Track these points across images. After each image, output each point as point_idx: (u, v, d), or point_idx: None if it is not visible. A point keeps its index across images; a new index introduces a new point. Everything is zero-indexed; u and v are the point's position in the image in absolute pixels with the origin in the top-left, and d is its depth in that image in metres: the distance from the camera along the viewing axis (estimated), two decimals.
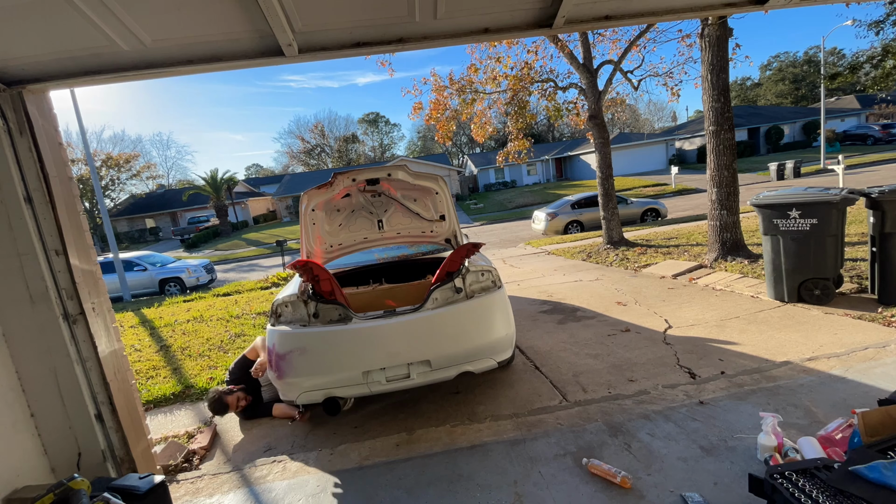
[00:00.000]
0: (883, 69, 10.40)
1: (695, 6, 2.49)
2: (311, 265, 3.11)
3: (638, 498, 2.21)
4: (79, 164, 32.58)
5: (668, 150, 36.07)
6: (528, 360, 4.09)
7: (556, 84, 9.79)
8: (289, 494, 2.60)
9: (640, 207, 14.63)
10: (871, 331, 3.76)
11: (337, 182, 3.65)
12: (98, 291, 2.60)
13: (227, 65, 2.39)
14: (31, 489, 2.13)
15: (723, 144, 6.50)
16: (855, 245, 6.43)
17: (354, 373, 2.90)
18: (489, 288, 3.19)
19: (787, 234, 4.47)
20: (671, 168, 25.81)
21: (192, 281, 13.33)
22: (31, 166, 2.31)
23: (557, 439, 2.78)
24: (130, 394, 2.71)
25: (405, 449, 2.91)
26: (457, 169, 40.43)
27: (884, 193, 3.99)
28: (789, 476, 1.71)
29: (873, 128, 31.17)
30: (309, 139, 62.66)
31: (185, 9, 2.05)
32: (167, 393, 4.27)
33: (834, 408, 2.72)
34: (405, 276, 4.58)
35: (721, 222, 6.59)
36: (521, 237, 15.41)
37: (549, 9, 2.35)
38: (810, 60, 49.70)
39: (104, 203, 14.43)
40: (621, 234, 9.56)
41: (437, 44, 2.45)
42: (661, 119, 66.49)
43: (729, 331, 4.19)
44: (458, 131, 27.64)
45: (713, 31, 6.36)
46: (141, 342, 6.42)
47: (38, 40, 2.12)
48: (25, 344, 2.35)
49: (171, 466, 3.03)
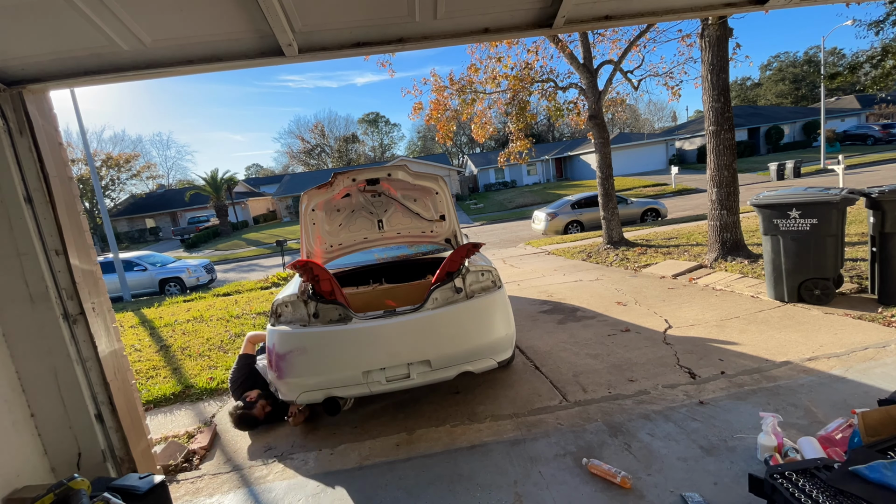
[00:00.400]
0: (883, 69, 10.39)
1: (695, 6, 2.50)
2: (311, 265, 3.11)
3: (638, 498, 2.21)
4: (79, 164, 32.59)
5: (668, 150, 36.06)
6: (528, 360, 4.09)
7: (556, 84, 9.78)
8: (289, 494, 2.60)
9: (640, 207, 14.64)
10: (871, 331, 3.76)
11: (337, 182, 3.65)
12: (98, 291, 2.60)
13: (227, 65, 2.39)
14: (31, 489, 2.13)
15: (723, 144, 6.50)
16: (855, 245, 6.43)
17: (354, 373, 2.90)
18: (489, 288, 3.19)
19: (787, 234, 4.47)
20: (671, 168, 25.81)
21: (192, 281, 13.34)
22: (31, 166, 2.31)
23: (557, 439, 2.78)
24: (130, 394, 2.71)
25: (405, 449, 2.91)
26: (457, 169, 40.44)
27: (884, 193, 3.99)
28: (789, 476, 1.71)
29: (873, 128, 31.17)
30: (309, 139, 62.77)
31: (185, 9, 2.05)
32: (167, 393, 4.27)
33: (834, 408, 2.72)
34: (405, 276, 4.58)
35: (721, 222, 6.59)
36: (521, 237, 15.41)
37: (549, 9, 2.35)
38: (810, 60, 49.73)
39: (104, 203, 14.42)
40: (621, 234, 9.57)
41: (437, 44, 2.45)
42: (661, 119, 66.56)
43: (729, 331, 4.19)
44: (458, 131, 27.63)
45: (713, 31, 6.36)
46: (141, 342, 6.42)
47: (38, 40, 2.12)
48: (25, 344, 2.35)
49: (171, 466, 3.03)
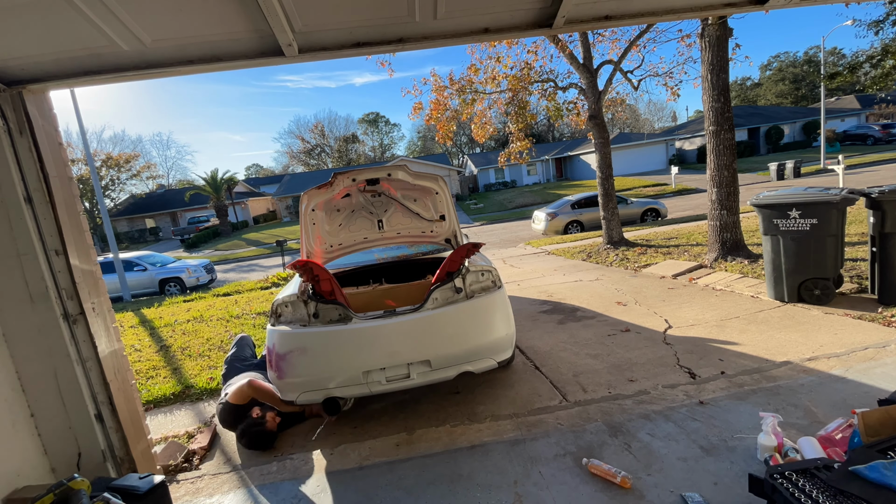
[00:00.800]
0: (882, 69, 10.38)
1: (695, 6, 2.50)
2: (311, 265, 3.11)
3: (638, 498, 2.21)
4: (79, 164, 32.60)
5: (668, 150, 36.06)
6: (528, 360, 4.09)
7: (556, 84, 9.79)
8: (289, 494, 2.60)
9: (640, 207, 14.64)
10: (871, 331, 3.76)
11: (337, 182, 3.64)
12: (98, 291, 2.60)
13: (227, 65, 2.39)
14: (31, 489, 2.13)
15: (723, 144, 6.50)
16: (855, 245, 6.43)
17: (354, 373, 2.90)
18: (489, 288, 3.19)
19: (787, 234, 4.47)
20: (671, 168, 25.81)
21: (192, 281, 13.34)
22: (31, 166, 2.31)
23: (557, 439, 2.78)
24: (130, 394, 2.71)
25: (405, 449, 2.91)
26: (457, 169, 40.43)
27: (884, 193, 3.99)
28: (789, 476, 1.71)
29: (873, 128, 31.17)
30: (309, 139, 62.77)
31: (184, 9, 2.05)
32: (167, 393, 4.27)
33: (834, 408, 2.72)
34: (405, 276, 4.58)
35: (721, 222, 6.59)
36: (521, 237, 15.41)
37: (549, 9, 2.35)
38: (810, 60, 49.72)
39: (104, 203, 14.43)
40: (621, 234, 9.56)
41: (437, 44, 2.45)
42: (661, 119, 66.56)
43: (729, 331, 4.19)
44: (458, 131, 27.62)
45: (713, 31, 6.36)
46: (141, 342, 6.42)
47: (38, 40, 2.12)
48: (25, 344, 2.35)
49: (171, 466, 3.03)
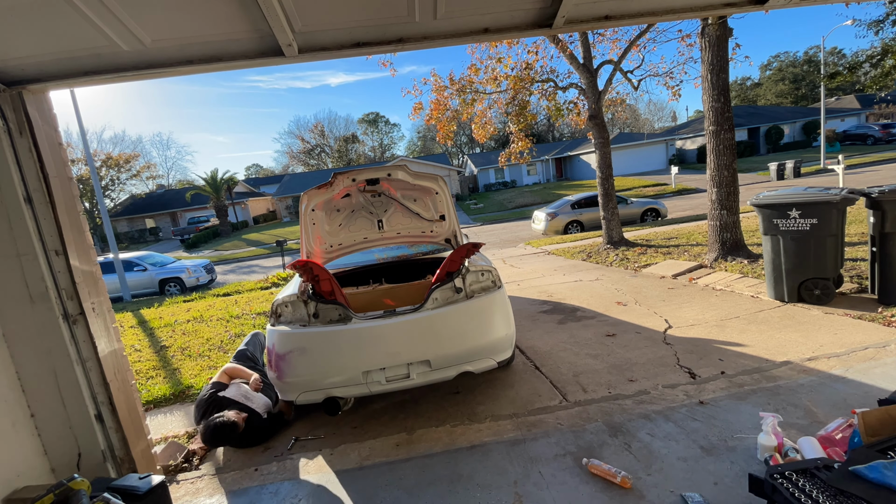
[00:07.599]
0: (882, 68, 10.38)
1: (695, 6, 2.50)
2: (311, 265, 3.11)
3: (638, 498, 2.21)
4: (79, 164, 32.60)
5: (668, 150, 36.05)
6: (528, 360, 4.09)
7: (556, 84, 9.78)
8: (289, 494, 2.60)
9: (640, 207, 14.63)
10: (871, 331, 3.75)
11: (337, 182, 3.64)
12: (98, 291, 2.60)
13: (227, 65, 2.40)
14: (31, 489, 2.13)
15: (723, 144, 6.50)
16: (855, 245, 6.43)
17: (354, 373, 2.90)
18: (489, 288, 3.19)
19: (787, 234, 4.47)
20: (671, 168, 25.80)
21: (192, 281, 13.34)
22: (31, 166, 2.31)
23: (557, 439, 2.78)
24: (130, 394, 2.71)
25: (405, 449, 2.91)
26: (457, 169, 40.44)
27: (884, 193, 3.99)
28: (789, 476, 1.71)
29: (873, 128, 31.15)
30: (309, 139, 62.78)
31: (184, 9, 2.06)
32: (167, 393, 4.27)
33: (834, 408, 2.72)
34: (405, 276, 4.58)
35: (721, 222, 6.59)
36: (521, 237, 15.40)
37: (549, 9, 2.36)
38: (810, 60, 49.73)
39: (104, 203, 14.43)
40: (621, 234, 9.56)
41: (437, 44, 2.45)
42: (661, 119, 66.56)
43: (729, 331, 4.19)
44: (458, 131, 27.58)
45: (713, 31, 6.36)
46: (141, 342, 6.42)
47: (38, 40, 2.12)
48: (25, 344, 2.36)
49: (171, 466, 3.02)
